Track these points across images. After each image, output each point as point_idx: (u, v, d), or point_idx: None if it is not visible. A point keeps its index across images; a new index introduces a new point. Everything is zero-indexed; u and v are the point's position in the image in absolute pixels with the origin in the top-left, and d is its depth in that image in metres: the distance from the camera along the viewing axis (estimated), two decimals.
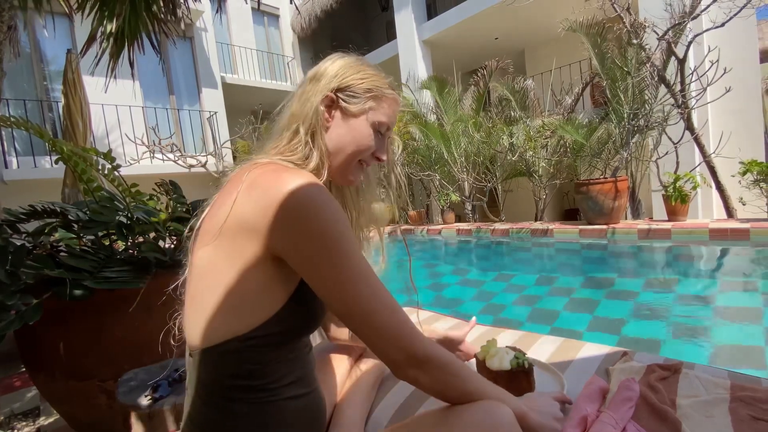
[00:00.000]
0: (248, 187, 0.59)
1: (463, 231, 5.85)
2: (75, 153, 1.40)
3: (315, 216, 0.56)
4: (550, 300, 3.03)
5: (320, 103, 0.70)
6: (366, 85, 0.71)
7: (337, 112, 0.71)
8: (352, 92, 0.71)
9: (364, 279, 0.58)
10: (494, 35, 7.87)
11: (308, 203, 0.56)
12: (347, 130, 0.71)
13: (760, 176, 4.08)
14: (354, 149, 0.71)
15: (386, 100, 0.73)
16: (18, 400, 1.78)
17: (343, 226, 0.57)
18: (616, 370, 1.06)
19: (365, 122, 0.71)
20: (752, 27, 5.01)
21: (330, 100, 0.70)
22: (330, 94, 0.70)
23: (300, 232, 0.56)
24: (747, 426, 0.81)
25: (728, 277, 3.29)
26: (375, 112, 0.72)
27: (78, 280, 1.18)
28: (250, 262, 0.57)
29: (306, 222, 0.56)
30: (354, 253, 0.58)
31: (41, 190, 4.07)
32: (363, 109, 0.71)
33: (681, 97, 4.53)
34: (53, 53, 6.58)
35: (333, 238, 0.56)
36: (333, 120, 0.71)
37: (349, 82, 0.71)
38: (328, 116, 0.71)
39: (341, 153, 0.71)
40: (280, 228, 0.56)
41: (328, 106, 0.71)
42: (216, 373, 0.60)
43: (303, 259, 0.57)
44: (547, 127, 5.73)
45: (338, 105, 0.71)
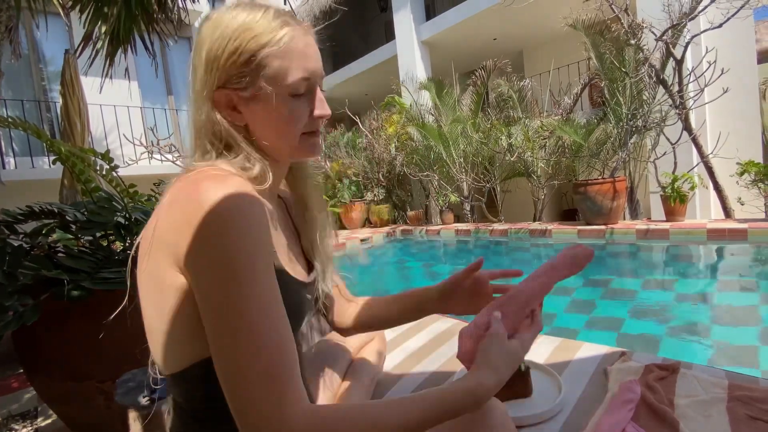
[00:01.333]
0: (170, 202, 0.51)
1: (462, 231, 5.85)
2: (73, 153, 1.40)
3: (218, 233, 0.46)
4: (548, 300, 3.00)
5: (212, 110, 0.56)
6: (242, 56, 0.54)
7: (240, 102, 0.57)
8: (236, 75, 0.55)
9: (260, 311, 0.46)
10: (493, 36, 7.88)
11: (216, 218, 0.46)
12: (265, 117, 0.57)
13: (757, 176, 4.10)
14: (285, 132, 0.58)
15: (282, 52, 0.55)
16: (16, 401, 1.77)
17: (252, 246, 0.47)
18: (614, 370, 1.06)
19: (277, 98, 0.56)
20: (750, 28, 5.02)
21: (223, 97, 0.56)
22: (217, 94, 0.56)
23: (201, 249, 0.46)
24: (744, 425, 0.81)
25: (726, 277, 3.30)
26: (278, 77, 0.55)
27: (76, 280, 1.17)
28: (182, 285, 0.49)
29: (209, 239, 0.46)
30: (255, 289, 0.46)
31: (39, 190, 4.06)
32: (261, 85, 0.55)
33: (679, 97, 4.54)
34: (51, 54, 6.57)
35: (234, 259, 0.46)
36: (244, 114, 0.58)
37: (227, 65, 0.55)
38: (237, 113, 0.58)
39: (278, 141, 0.59)
40: (190, 246, 0.47)
41: (228, 102, 0.57)
42: (186, 397, 0.56)
43: (192, 278, 0.48)
44: (545, 128, 5.74)
45: (235, 94, 0.56)
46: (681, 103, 4.54)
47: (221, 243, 0.46)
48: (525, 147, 5.79)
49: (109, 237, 1.44)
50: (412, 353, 1.35)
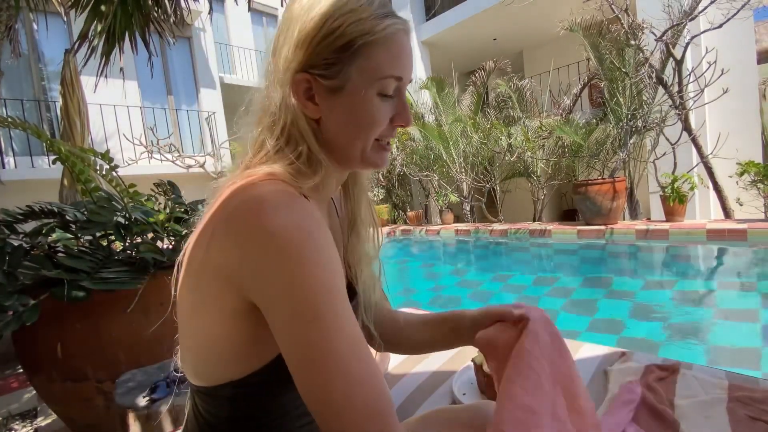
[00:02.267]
0: (226, 220, 0.46)
1: (462, 231, 5.85)
2: (73, 153, 1.40)
3: (294, 267, 0.42)
4: (548, 300, 3.04)
5: (289, 94, 0.50)
6: (342, 38, 0.48)
7: (321, 92, 0.51)
8: (327, 60, 0.49)
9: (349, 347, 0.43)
10: (493, 36, 7.89)
11: (288, 251, 0.42)
12: (344, 114, 0.51)
13: (757, 177, 4.10)
14: (362, 134, 0.52)
15: (381, 43, 0.49)
16: (15, 401, 1.77)
17: (330, 278, 0.44)
18: (614, 370, 1.06)
19: (363, 93, 0.50)
20: (750, 28, 5.03)
21: (304, 83, 0.50)
22: (299, 77, 0.50)
23: (275, 284, 0.43)
24: (745, 426, 0.81)
25: (726, 278, 3.30)
26: (370, 70, 0.49)
27: (76, 280, 1.17)
28: (232, 311, 0.46)
29: (283, 272, 0.42)
30: (337, 315, 0.43)
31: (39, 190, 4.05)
32: (351, 76, 0.49)
33: (679, 98, 4.54)
34: (51, 53, 6.56)
35: (315, 295, 0.42)
36: (320, 106, 0.51)
37: (318, 46, 0.49)
38: (312, 104, 0.51)
39: (349, 144, 0.53)
40: (254, 275, 0.43)
41: (306, 90, 0.51)
42: (210, 412, 0.54)
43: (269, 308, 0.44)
44: (545, 128, 5.74)
45: (319, 85, 0.50)
46: (681, 103, 4.54)
47: (299, 279, 0.42)
48: (525, 147, 5.79)
49: (109, 237, 1.44)
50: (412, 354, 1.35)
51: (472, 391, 1.04)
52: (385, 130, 0.54)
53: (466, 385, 1.07)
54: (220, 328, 0.47)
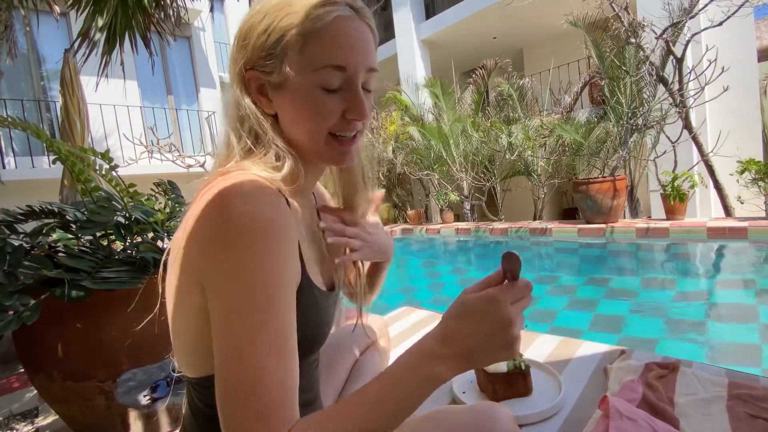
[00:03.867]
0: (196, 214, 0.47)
1: (462, 230, 5.85)
2: (73, 153, 1.39)
3: (241, 253, 0.43)
4: (548, 299, 3.04)
5: (241, 94, 0.52)
6: (275, 33, 0.49)
7: (270, 88, 0.52)
8: (264, 57, 0.50)
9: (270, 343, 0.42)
10: (493, 34, 7.88)
11: (240, 238, 0.43)
12: (291, 108, 0.52)
13: (757, 175, 4.09)
14: (310, 129, 0.52)
15: (314, 33, 0.48)
16: (16, 400, 1.77)
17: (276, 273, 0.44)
18: (614, 368, 1.06)
19: (304, 86, 0.50)
20: (750, 26, 5.02)
21: (253, 82, 0.52)
22: (249, 75, 0.51)
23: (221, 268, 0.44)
24: (744, 423, 0.81)
25: (726, 276, 3.30)
26: (305, 63, 0.49)
27: (76, 280, 1.17)
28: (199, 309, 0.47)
29: (230, 260, 0.43)
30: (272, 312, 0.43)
31: (39, 190, 4.05)
32: (287, 71, 0.49)
33: (679, 96, 4.54)
34: (51, 53, 6.56)
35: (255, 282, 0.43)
36: (273, 101, 0.53)
37: (256, 43, 0.50)
38: (266, 100, 0.53)
39: (301, 139, 0.53)
40: (208, 264, 0.45)
41: (260, 87, 0.52)
42: (204, 402, 0.55)
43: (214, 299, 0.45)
44: (545, 127, 5.74)
45: (263, 80, 0.52)
46: (681, 101, 4.54)
47: (241, 272, 0.43)
48: (525, 146, 5.79)
49: (109, 236, 1.44)
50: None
51: (471, 389, 1.04)
52: (339, 125, 0.52)
53: (466, 384, 1.07)
54: (198, 323, 0.48)
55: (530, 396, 0.98)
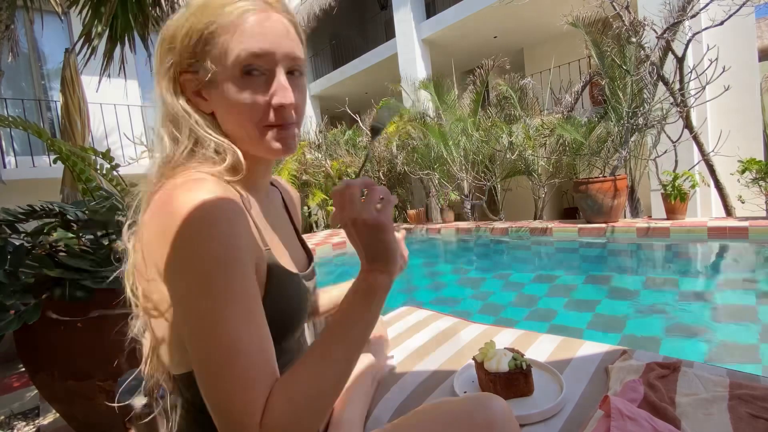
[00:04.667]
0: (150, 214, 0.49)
1: (463, 230, 5.85)
2: (73, 152, 1.40)
3: (190, 243, 0.44)
4: (549, 299, 3.04)
5: (173, 96, 0.54)
6: (191, 33, 0.51)
7: (202, 87, 0.54)
8: (190, 58, 0.52)
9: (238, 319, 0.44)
10: (493, 34, 7.87)
11: (187, 228, 0.44)
12: (223, 103, 0.53)
13: (758, 174, 4.09)
14: (242, 121, 0.53)
15: (227, 27, 0.50)
16: (17, 399, 1.77)
17: (227, 256, 0.45)
18: (615, 368, 1.06)
19: (228, 79, 0.51)
20: (751, 25, 5.01)
21: (187, 84, 0.54)
22: (183, 78, 0.54)
23: (174, 261, 0.46)
24: (746, 424, 0.81)
25: (727, 276, 3.30)
26: (222, 57, 0.51)
27: (77, 279, 1.17)
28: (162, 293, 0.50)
29: (181, 250, 0.45)
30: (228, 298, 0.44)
31: (40, 189, 4.06)
32: (210, 68, 0.51)
33: (680, 95, 4.53)
34: (51, 52, 6.56)
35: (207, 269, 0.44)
36: (208, 100, 0.54)
37: (179, 46, 0.52)
38: (203, 100, 0.55)
39: (238, 132, 0.55)
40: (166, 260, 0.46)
41: (194, 90, 0.54)
42: (193, 393, 0.56)
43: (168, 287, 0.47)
44: (546, 126, 5.73)
45: (194, 79, 0.54)
46: (682, 101, 4.53)
47: (193, 253, 0.44)
48: (525, 145, 5.79)
49: (110, 236, 1.44)
50: (412, 352, 1.35)
51: (473, 389, 1.04)
52: (269, 115, 0.53)
53: (467, 383, 1.07)
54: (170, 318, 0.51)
55: (531, 396, 0.98)
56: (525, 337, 1.34)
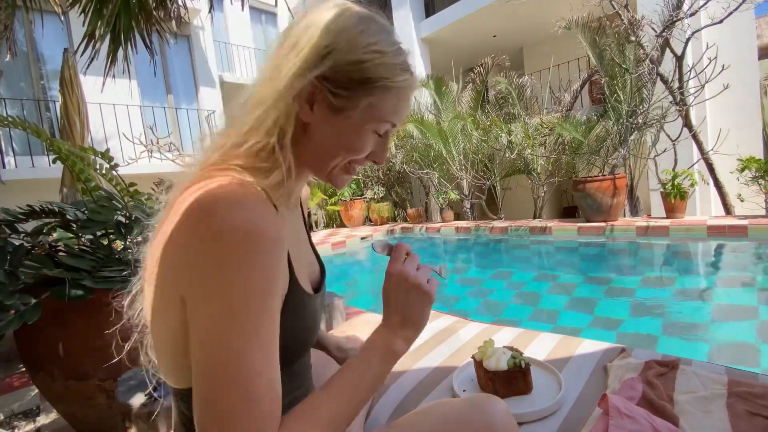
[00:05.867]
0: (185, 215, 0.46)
1: (462, 229, 5.86)
2: (73, 152, 1.40)
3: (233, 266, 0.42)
4: (548, 297, 3.04)
5: (294, 97, 0.50)
6: (367, 72, 0.50)
7: (322, 104, 0.51)
8: (345, 83, 0.50)
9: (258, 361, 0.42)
10: (492, 33, 7.87)
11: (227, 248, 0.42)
12: (334, 132, 0.52)
13: (758, 173, 4.09)
14: (342, 155, 0.54)
15: (394, 93, 0.52)
16: (18, 399, 1.78)
17: (266, 282, 0.44)
18: (614, 366, 1.06)
19: (360, 124, 0.52)
20: (750, 23, 5.01)
21: (313, 88, 0.50)
22: (314, 83, 0.50)
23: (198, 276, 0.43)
24: (744, 421, 0.81)
25: (726, 274, 3.30)
26: (376, 110, 0.52)
27: (77, 279, 1.18)
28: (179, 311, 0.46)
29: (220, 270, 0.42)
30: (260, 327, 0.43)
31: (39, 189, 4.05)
32: (358, 106, 0.51)
33: (679, 94, 4.53)
34: (50, 52, 6.55)
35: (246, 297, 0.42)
36: (314, 114, 0.52)
37: (342, 66, 0.49)
38: (309, 109, 0.51)
39: (324, 158, 0.54)
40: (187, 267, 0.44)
41: (310, 94, 0.51)
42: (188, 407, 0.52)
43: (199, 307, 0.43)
44: (545, 125, 5.73)
45: (324, 96, 0.50)
46: (681, 99, 4.53)
47: (232, 278, 0.42)
48: (525, 144, 5.79)
49: (110, 236, 1.44)
50: (412, 350, 1.35)
51: (472, 387, 1.05)
52: (360, 160, 0.56)
53: (466, 382, 1.07)
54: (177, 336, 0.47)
55: (530, 394, 0.98)
56: (524, 336, 1.34)
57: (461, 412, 0.59)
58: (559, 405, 0.94)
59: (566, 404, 0.95)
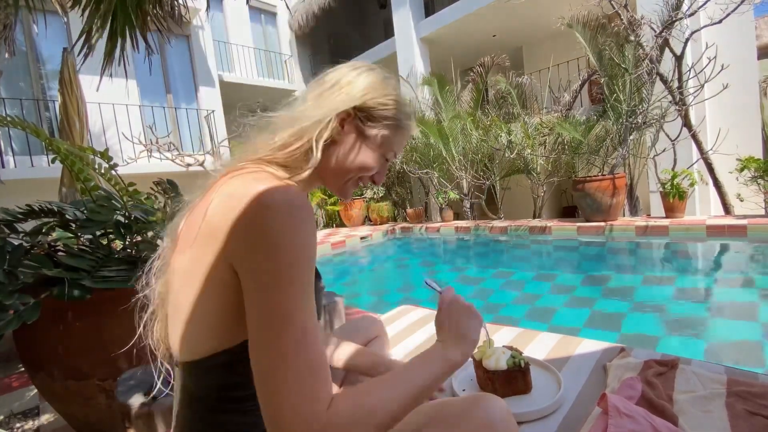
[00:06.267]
0: (226, 195, 0.54)
1: (462, 229, 5.86)
2: (72, 152, 1.39)
3: (276, 234, 0.48)
4: (548, 297, 3.04)
5: (337, 116, 0.66)
6: (388, 112, 0.69)
7: (351, 128, 0.68)
8: (373, 116, 0.68)
9: (296, 325, 0.47)
10: (492, 32, 7.86)
11: (274, 217, 0.49)
12: (355, 150, 0.68)
13: (757, 173, 4.10)
14: (355, 169, 0.69)
15: (401, 132, 0.72)
16: (17, 399, 1.77)
17: (307, 254, 0.50)
18: (613, 366, 1.06)
19: (375, 148, 0.70)
20: (750, 23, 5.01)
21: (346, 116, 0.67)
22: (350, 110, 0.67)
23: (256, 243, 0.49)
24: (743, 421, 0.81)
25: (725, 274, 3.31)
26: (388, 140, 0.71)
27: (76, 279, 1.17)
28: (226, 274, 0.52)
29: (264, 238, 0.48)
30: (302, 291, 0.49)
31: (38, 189, 4.05)
32: (377, 135, 0.69)
33: (679, 94, 4.54)
34: (49, 52, 6.54)
35: (289, 262, 0.48)
36: (344, 133, 0.68)
37: (373, 104, 0.68)
38: (341, 130, 0.67)
39: (342, 171, 0.69)
40: (238, 236, 0.50)
41: (342, 119, 0.67)
42: (204, 385, 0.58)
43: (246, 271, 0.50)
44: (545, 125, 5.74)
45: (353, 123, 0.68)
46: (681, 99, 4.54)
47: (288, 244, 0.48)
48: (524, 144, 5.79)
49: (109, 235, 1.44)
50: (411, 350, 1.36)
51: (471, 387, 1.05)
52: (366, 177, 0.73)
53: (465, 381, 1.07)
54: (220, 294, 0.53)
55: (530, 393, 0.99)
56: (524, 335, 1.34)
57: (461, 411, 0.59)
58: (559, 404, 0.94)
59: (566, 404, 0.95)
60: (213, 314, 0.54)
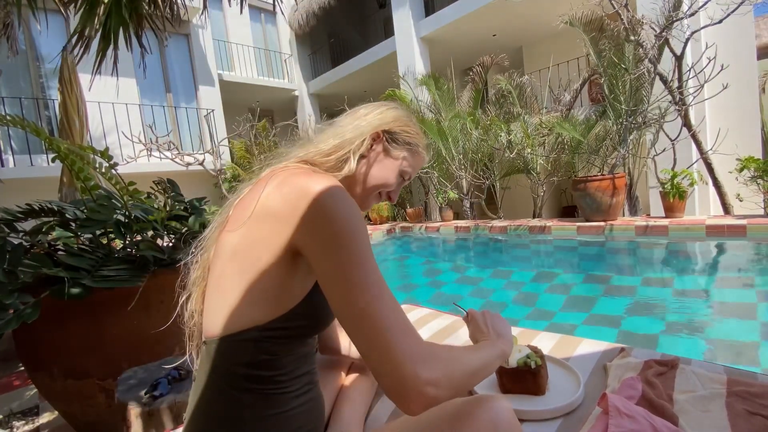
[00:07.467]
0: (279, 184, 0.63)
1: (462, 228, 5.86)
2: (72, 151, 1.39)
3: (342, 216, 0.58)
4: (548, 297, 3.05)
5: (370, 134, 0.79)
6: (409, 138, 0.84)
7: (378, 147, 0.81)
8: (397, 139, 0.83)
9: (380, 291, 0.56)
10: (492, 32, 7.86)
11: (338, 203, 0.59)
12: (380, 166, 0.81)
13: (756, 173, 4.10)
14: (379, 183, 0.81)
15: (418, 157, 0.87)
16: (17, 399, 1.78)
17: (365, 233, 0.60)
18: (613, 365, 1.06)
19: (396, 166, 0.83)
20: (749, 23, 5.01)
21: (377, 136, 0.80)
22: (380, 132, 0.81)
23: (326, 228, 0.57)
24: (743, 421, 0.81)
25: (725, 274, 3.31)
26: (406, 161, 0.84)
27: (76, 278, 1.17)
28: (274, 252, 0.60)
29: (334, 220, 0.58)
30: (373, 262, 0.58)
31: (38, 188, 4.05)
32: (399, 155, 0.83)
33: (678, 93, 4.54)
34: (49, 51, 6.54)
35: (357, 241, 0.57)
36: (372, 153, 0.81)
37: (398, 130, 0.83)
38: (371, 147, 0.81)
39: (367, 182, 0.81)
40: (306, 222, 0.58)
41: (373, 139, 0.80)
42: (231, 361, 0.61)
43: (323, 257, 0.58)
44: (544, 125, 5.73)
45: (381, 143, 0.81)
46: (680, 99, 4.54)
47: (354, 230, 0.58)
48: (524, 143, 5.79)
49: (109, 235, 1.44)
50: None
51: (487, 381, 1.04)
52: (385, 193, 0.85)
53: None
54: (262, 267, 0.60)
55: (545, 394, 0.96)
56: (523, 335, 1.34)
57: (464, 410, 0.59)
58: (573, 406, 0.92)
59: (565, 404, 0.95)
60: (257, 288, 0.60)
